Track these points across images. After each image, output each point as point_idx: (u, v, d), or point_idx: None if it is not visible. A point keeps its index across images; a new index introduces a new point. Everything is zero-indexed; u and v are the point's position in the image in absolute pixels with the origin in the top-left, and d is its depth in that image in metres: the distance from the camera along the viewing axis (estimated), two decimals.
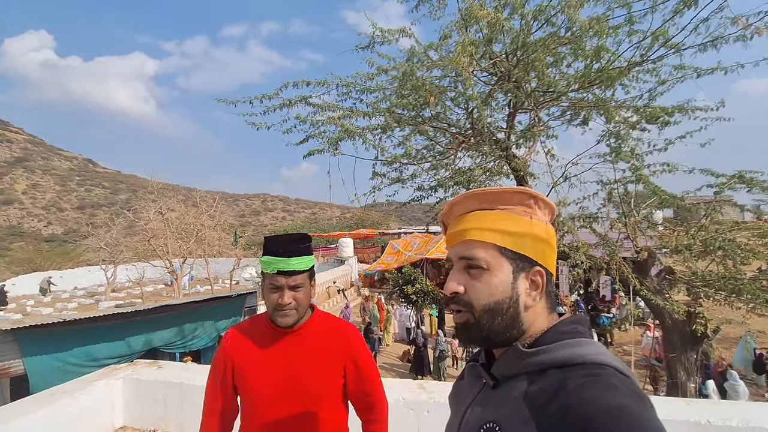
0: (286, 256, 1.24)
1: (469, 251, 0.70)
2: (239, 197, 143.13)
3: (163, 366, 3.38)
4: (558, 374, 0.60)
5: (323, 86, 5.10)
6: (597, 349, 0.62)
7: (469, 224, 0.72)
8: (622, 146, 5.02)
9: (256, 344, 1.31)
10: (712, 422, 2.17)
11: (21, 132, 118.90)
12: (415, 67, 4.77)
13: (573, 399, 0.55)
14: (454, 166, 5.33)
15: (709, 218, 5.14)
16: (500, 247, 0.69)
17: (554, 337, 0.66)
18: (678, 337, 5.07)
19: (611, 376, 0.57)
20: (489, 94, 5.18)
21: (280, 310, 1.24)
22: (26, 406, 2.69)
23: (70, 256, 33.66)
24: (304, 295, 1.28)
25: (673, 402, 2.45)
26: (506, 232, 0.69)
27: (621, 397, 0.53)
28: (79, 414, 2.85)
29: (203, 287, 22.59)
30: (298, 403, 1.26)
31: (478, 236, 0.70)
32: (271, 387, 1.26)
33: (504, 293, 0.68)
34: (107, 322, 7.40)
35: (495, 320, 0.67)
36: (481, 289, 0.68)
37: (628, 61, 3.91)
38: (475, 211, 0.73)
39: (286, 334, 1.31)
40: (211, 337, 9.36)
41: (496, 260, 0.69)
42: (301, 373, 1.27)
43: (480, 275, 0.69)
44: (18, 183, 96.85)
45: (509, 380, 0.67)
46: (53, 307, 19.18)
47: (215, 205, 21.60)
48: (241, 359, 1.29)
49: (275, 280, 1.24)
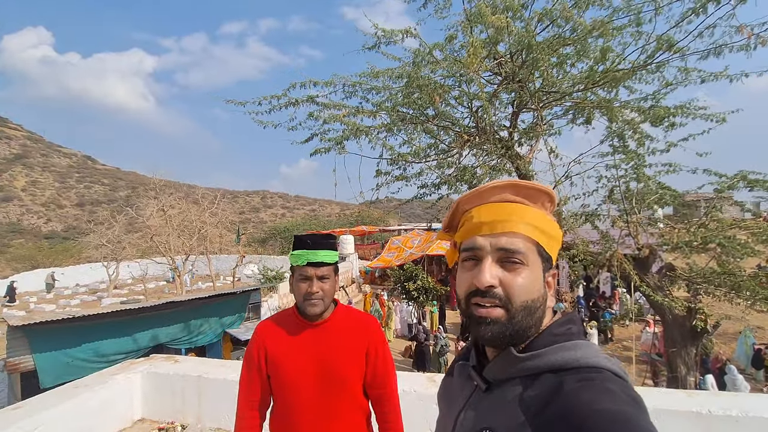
0: (315, 249, 1.38)
1: (513, 244, 0.66)
2: (239, 194, 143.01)
3: (180, 360, 3.47)
4: (553, 378, 0.60)
5: (330, 86, 5.17)
6: (591, 352, 0.62)
7: (512, 215, 0.68)
8: (626, 145, 5.12)
9: (286, 334, 1.43)
10: (712, 412, 2.26)
11: (20, 128, 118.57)
12: (420, 68, 4.84)
13: (569, 404, 0.54)
14: (459, 164, 5.40)
15: (710, 216, 5.22)
16: (538, 245, 0.68)
17: (549, 340, 0.65)
18: (678, 332, 5.17)
19: (606, 380, 0.57)
20: (493, 93, 5.26)
21: (309, 299, 1.36)
22: (49, 400, 2.77)
23: (71, 253, 33.70)
24: (330, 286, 1.41)
25: (675, 393, 2.54)
26: (543, 231, 0.69)
27: (617, 402, 0.53)
28: (99, 407, 2.94)
29: (205, 284, 22.69)
30: (328, 388, 1.37)
31: (524, 230, 0.67)
32: (302, 373, 1.37)
33: (539, 291, 0.67)
34: (114, 318, 7.51)
35: (527, 319, 0.65)
36: (522, 285, 0.65)
37: (632, 63, 3.98)
38: (511, 203, 0.70)
39: (314, 326, 1.43)
40: (216, 333, 9.48)
41: (534, 257, 0.68)
42: (329, 360, 1.38)
43: (520, 270, 0.66)
44: (17, 180, 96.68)
45: (502, 384, 0.66)
46: (56, 304, 19.27)
47: (217, 202, 21.63)
48: (273, 348, 1.41)
49: (305, 271, 1.36)
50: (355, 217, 46.90)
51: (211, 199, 21.90)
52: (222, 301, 9.80)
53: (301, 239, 1.41)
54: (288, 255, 5.48)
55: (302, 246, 1.39)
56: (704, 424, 2.25)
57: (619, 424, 0.50)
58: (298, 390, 1.37)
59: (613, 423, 0.50)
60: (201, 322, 9.12)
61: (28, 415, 2.45)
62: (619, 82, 4.16)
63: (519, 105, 5.50)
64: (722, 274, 4.99)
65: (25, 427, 2.36)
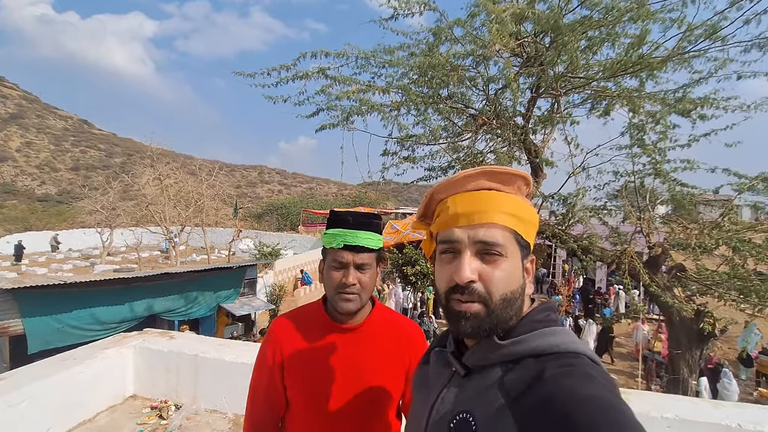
0: (357, 229, 1.09)
1: (490, 236, 0.64)
2: (236, 168, 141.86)
3: (175, 336, 3.31)
4: (534, 364, 0.59)
5: (342, 57, 4.89)
6: (570, 338, 0.62)
7: (488, 205, 0.66)
8: (644, 138, 4.92)
9: (309, 339, 1.16)
10: (743, 426, 2.14)
11: (15, 88, 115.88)
12: (440, 41, 4.57)
13: (551, 390, 0.54)
14: (473, 148, 5.18)
15: (727, 217, 5.07)
16: (516, 233, 0.66)
17: (529, 327, 0.65)
18: (684, 334, 5.08)
19: (586, 365, 0.57)
20: (515, 76, 5.00)
21: (343, 292, 1.08)
22: (36, 372, 2.62)
23: (64, 217, 33.41)
24: (369, 278, 1.12)
25: (700, 403, 2.42)
26: (520, 218, 0.67)
27: (599, 388, 0.53)
28: (88, 381, 2.80)
29: (199, 256, 22.55)
30: (355, 409, 1.11)
31: (501, 220, 0.65)
32: (326, 391, 1.11)
33: (518, 282, 0.66)
34: (107, 286, 7.35)
35: (506, 310, 0.64)
36: (500, 278, 0.64)
37: (669, 51, 3.74)
38: (486, 191, 0.68)
39: (345, 330, 1.16)
40: (210, 307, 9.39)
41: (513, 247, 0.66)
42: (360, 375, 1.12)
43: (499, 262, 0.64)
44: (12, 140, 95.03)
45: (482, 369, 0.66)
46: (48, 268, 19.09)
47: (214, 175, 21.30)
48: (293, 355, 1.15)
49: (340, 255, 1.08)
50: (353, 198, 46.70)
51: (209, 171, 21.57)
52: (218, 275, 9.68)
53: (339, 215, 1.12)
54: (283, 232, 5.23)
55: (340, 224, 1.10)
56: None
57: (603, 411, 0.49)
58: (318, 409, 1.12)
59: (597, 410, 0.49)
60: (196, 294, 9.00)
61: (15, 387, 2.30)
62: (655, 69, 3.92)
63: (538, 90, 5.26)
64: (733, 277, 4.88)
65: (12, 400, 2.20)
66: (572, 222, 5.69)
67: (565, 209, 5.65)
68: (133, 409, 2.98)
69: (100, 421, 2.81)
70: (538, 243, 9.49)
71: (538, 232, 3.88)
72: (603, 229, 5.91)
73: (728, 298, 4.96)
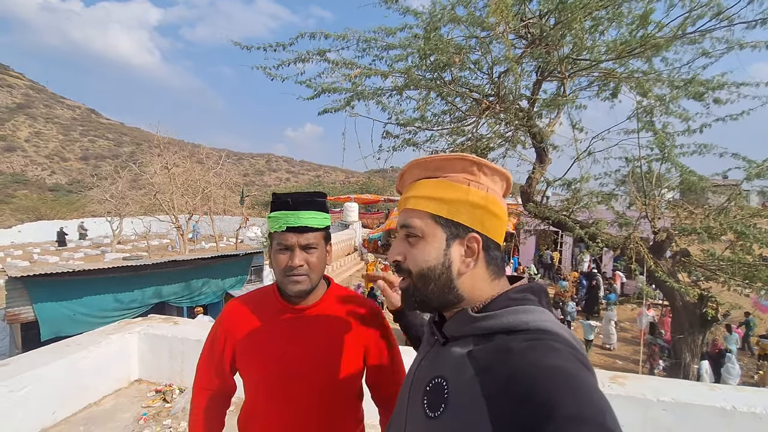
0: (298, 209, 1.07)
1: (407, 220, 0.73)
2: (243, 156, 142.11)
3: (179, 322, 3.37)
4: (503, 338, 0.62)
5: (343, 40, 4.82)
6: (543, 317, 0.64)
7: (409, 193, 0.75)
8: (653, 122, 4.81)
9: (261, 321, 1.14)
10: (737, 408, 2.14)
11: (21, 77, 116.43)
12: (442, 20, 4.46)
13: (516, 361, 0.56)
14: (476, 132, 5.11)
15: (734, 202, 4.98)
16: (434, 215, 0.70)
17: (503, 303, 0.67)
18: (687, 319, 5.05)
19: (553, 341, 0.58)
20: (519, 58, 4.89)
21: (290, 275, 1.07)
22: (39, 358, 2.68)
23: (75, 207, 33.92)
24: (317, 258, 1.10)
25: (697, 386, 2.41)
26: (441, 200, 0.70)
27: (561, 359, 0.54)
28: (93, 366, 2.86)
29: (208, 244, 22.81)
30: (311, 391, 1.10)
31: (414, 205, 0.72)
32: (278, 373, 1.09)
33: (436, 260, 0.70)
34: (117, 273, 7.47)
35: (428, 286, 0.70)
36: (416, 255, 0.71)
37: (673, 31, 3.62)
38: (419, 180, 0.74)
39: (298, 311, 1.14)
40: (217, 294, 9.52)
41: (430, 228, 0.70)
42: (313, 357, 1.10)
43: (416, 243, 0.71)
44: (20, 130, 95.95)
45: (457, 339, 0.69)
46: (59, 257, 19.46)
47: (221, 163, 21.37)
48: (243, 338, 1.13)
49: (284, 238, 1.07)
50: (360, 185, 46.65)
51: (216, 159, 21.64)
52: (225, 263, 9.79)
53: (279, 197, 1.10)
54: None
55: (280, 206, 1.08)
56: (727, 420, 2.13)
57: (563, 380, 0.51)
58: (274, 392, 1.09)
59: (557, 379, 0.51)
60: (203, 282, 9.13)
61: (16, 373, 2.35)
62: (662, 49, 3.80)
63: (543, 73, 5.15)
64: (737, 262, 4.81)
65: (13, 385, 2.26)
66: (577, 207, 5.64)
67: (571, 194, 5.59)
68: (138, 392, 3.06)
69: (105, 404, 2.89)
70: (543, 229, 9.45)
71: (543, 217, 3.82)
72: (608, 215, 5.84)
73: (733, 284, 4.91)
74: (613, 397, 2.32)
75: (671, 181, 5.50)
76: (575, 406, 0.48)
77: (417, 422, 0.68)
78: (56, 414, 2.53)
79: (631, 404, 2.32)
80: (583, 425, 0.46)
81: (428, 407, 0.66)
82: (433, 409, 0.65)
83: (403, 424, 0.73)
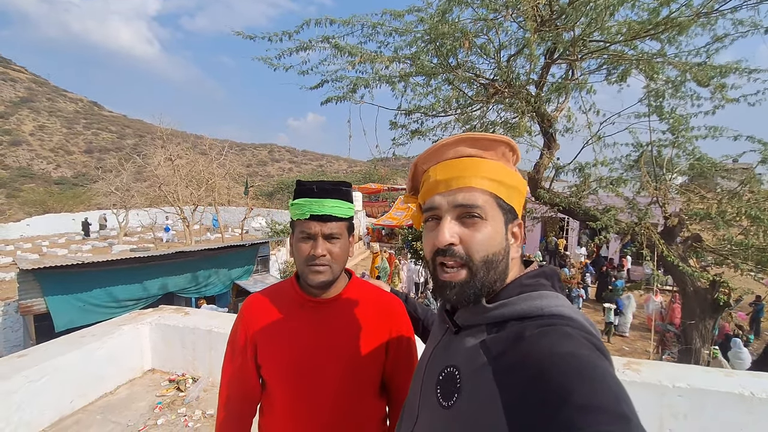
0: (323, 197, 1.04)
1: (469, 199, 0.66)
2: (246, 146, 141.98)
3: (190, 312, 3.38)
4: (516, 325, 0.61)
5: (348, 26, 4.73)
6: (557, 302, 0.62)
7: (467, 170, 0.68)
8: (663, 105, 4.71)
9: (282, 315, 1.11)
10: (755, 394, 2.12)
11: (24, 71, 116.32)
12: (452, 5, 4.36)
13: (528, 347, 0.55)
14: (485, 119, 5.04)
15: (748, 186, 4.89)
16: (497, 197, 0.68)
17: (516, 290, 0.66)
18: (698, 304, 5.01)
19: (567, 326, 0.57)
20: (536, 30, 4.78)
21: (312, 264, 1.03)
22: (55, 349, 2.70)
23: (81, 200, 34.10)
24: (340, 249, 1.07)
25: (713, 372, 2.39)
26: (502, 183, 0.68)
27: (575, 345, 0.53)
28: (107, 357, 2.89)
29: (213, 235, 22.91)
30: (335, 386, 1.07)
31: (480, 184, 0.67)
32: (302, 367, 1.06)
33: (500, 245, 0.67)
34: (125, 265, 7.52)
35: (490, 273, 0.66)
36: (481, 240, 0.65)
37: (696, 10, 3.50)
38: (467, 158, 0.69)
39: (319, 303, 1.11)
40: (224, 285, 9.58)
41: (494, 210, 0.67)
42: (333, 349, 1.07)
43: (479, 225, 0.66)
44: (25, 124, 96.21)
45: (470, 328, 0.68)
46: (68, 249, 19.65)
47: (224, 154, 21.34)
48: (264, 333, 1.10)
49: (307, 226, 1.03)
50: (363, 174, 46.54)
51: (219, 150, 21.60)
52: (231, 253, 9.82)
53: (303, 185, 1.07)
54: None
55: (305, 194, 1.05)
56: (746, 406, 2.11)
57: (577, 366, 0.49)
58: (294, 385, 1.07)
59: (571, 365, 0.49)
60: (210, 272, 9.18)
61: (34, 364, 2.38)
62: (685, 29, 3.69)
63: (552, 56, 5.04)
64: (750, 247, 4.75)
65: (32, 375, 2.28)
66: (587, 193, 5.57)
67: (581, 179, 5.52)
68: (152, 382, 3.09)
69: (121, 393, 2.92)
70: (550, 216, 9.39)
71: (551, 203, 3.76)
72: (616, 200, 5.78)
73: (745, 269, 4.86)
74: (627, 383, 2.30)
75: (681, 165, 5.42)
76: (589, 393, 0.46)
77: (430, 411, 0.68)
78: (74, 403, 2.56)
79: (646, 390, 2.31)
80: (599, 414, 0.44)
81: (441, 396, 0.65)
82: (447, 398, 0.64)
83: (416, 413, 0.73)
